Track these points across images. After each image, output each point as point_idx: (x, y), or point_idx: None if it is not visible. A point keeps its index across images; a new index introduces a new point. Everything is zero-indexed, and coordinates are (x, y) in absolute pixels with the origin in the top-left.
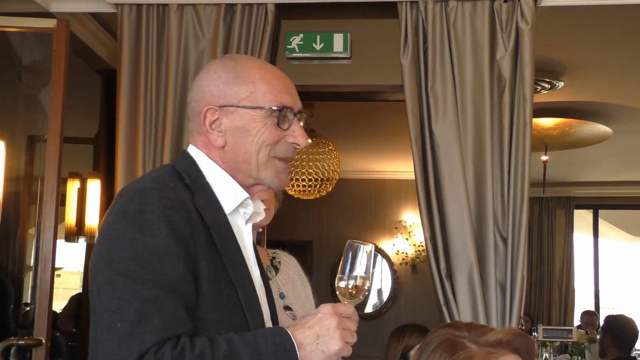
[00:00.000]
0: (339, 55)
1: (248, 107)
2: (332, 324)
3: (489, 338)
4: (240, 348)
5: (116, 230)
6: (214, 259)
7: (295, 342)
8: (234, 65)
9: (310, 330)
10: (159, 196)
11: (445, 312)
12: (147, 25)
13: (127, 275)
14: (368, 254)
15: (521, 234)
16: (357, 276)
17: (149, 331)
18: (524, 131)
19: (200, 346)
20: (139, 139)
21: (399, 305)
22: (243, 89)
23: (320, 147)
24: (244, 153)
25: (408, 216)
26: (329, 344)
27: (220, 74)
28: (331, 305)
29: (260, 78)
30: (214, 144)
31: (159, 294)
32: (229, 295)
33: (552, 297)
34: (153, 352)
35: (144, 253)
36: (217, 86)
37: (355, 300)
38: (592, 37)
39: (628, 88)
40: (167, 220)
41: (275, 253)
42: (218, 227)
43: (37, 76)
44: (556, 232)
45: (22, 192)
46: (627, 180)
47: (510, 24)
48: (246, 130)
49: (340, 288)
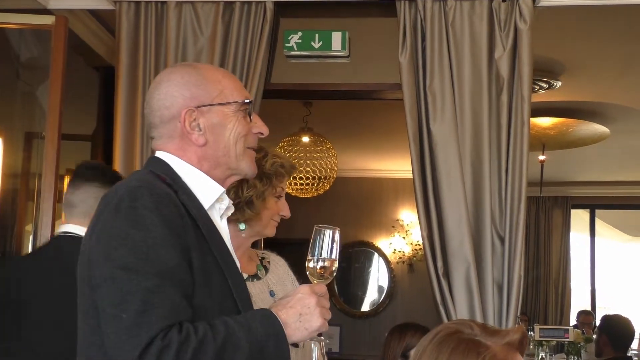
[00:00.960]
0: (337, 53)
1: (221, 104)
2: (312, 303)
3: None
4: (237, 329)
5: (112, 227)
6: (204, 250)
7: (281, 321)
8: (195, 69)
9: (293, 309)
10: (149, 192)
11: (442, 311)
12: (145, 23)
13: (127, 269)
14: (333, 238)
15: (518, 234)
16: (325, 258)
17: (154, 319)
18: (521, 130)
19: (202, 330)
20: (136, 136)
21: (395, 304)
22: (213, 89)
23: (317, 146)
24: (224, 147)
25: (405, 215)
26: (310, 321)
27: (187, 79)
28: (308, 286)
29: (223, 77)
30: (195, 143)
31: (160, 284)
32: (219, 283)
33: (548, 297)
34: (160, 337)
35: (142, 246)
36: (189, 89)
37: (324, 280)
38: (590, 37)
39: (626, 88)
40: (160, 214)
41: (264, 253)
42: (203, 219)
43: (35, 73)
44: (553, 232)
45: (19, 188)
46: (624, 180)
47: (508, 23)
48: (222, 125)
49: (309, 268)
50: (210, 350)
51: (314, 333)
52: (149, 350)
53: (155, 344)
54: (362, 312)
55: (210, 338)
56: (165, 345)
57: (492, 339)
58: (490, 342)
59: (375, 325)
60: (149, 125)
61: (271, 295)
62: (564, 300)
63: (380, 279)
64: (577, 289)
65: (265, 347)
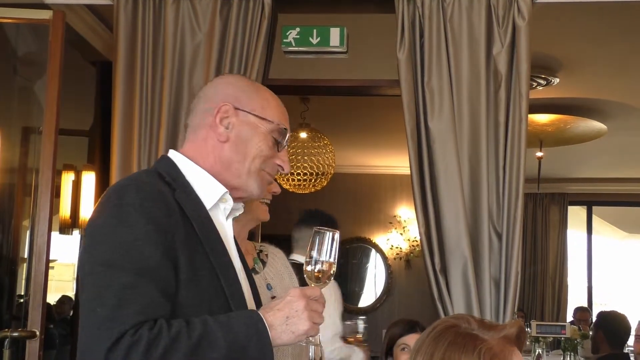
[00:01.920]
0: (335, 49)
1: (259, 117)
2: (300, 306)
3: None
4: (215, 328)
5: (97, 225)
6: (196, 249)
7: (267, 323)
8: (252, 82)
9: (280, 312)
10: (136, 190)
11: (440, 307)
12: (143, 18)
13: (106, 264)
14: (333, 241)
15: (516, 230)
16: (323, 261)
17: (127, 314)
18: (519, 127)
19: (176, 327)
20: (134, 131)
21: (392, 300)
22: (257, 100)
23: (315, 142)
24: (242, 155)
25: (402, 211)
26: (297, 324)
27: (240, 83)
28: (299, 289)
29: (272, 98)
30: (218, 137)
31: (137, 280)
32: (211, 282)
33: (545, 293)
34: (131, 333)
35: (123, 243)
36: (236, 91)
37: (321, 284)
38: (588, 34)
39: (623, 85)
40: (145, 211)
41: (262, 246)
42: (199, 218)
43: (32, 68)
44: (550, 228)
45: (16, 183)
46: (621, 177)
47: (506, 19)
48: (250, 136)
49: (307, 272)
50: (183, 347)
51: (301, 337)
52: (118, 344)
53: (125, 339)
54: (359, 308)
55: (184, 335)
56: (135, 340)
57: (489, 333)
58: (487, 336)
59: (372, 321)
60: (189, 111)
61: (268, 288)
62: (561, 296)
63: (377, 275)
64: (573, 285)
65: (247, 347)
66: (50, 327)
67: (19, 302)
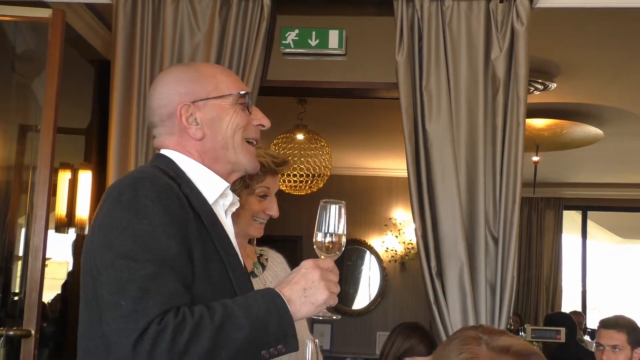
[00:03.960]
0: (334, 51)
1: (217, 97)
2: (315, 277)
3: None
4: (235, 309)
5: (114, 217)
6: (206, 242)
7: (285, 298)
8: (189, 67)
9: (297, 285)
10: (152, 183)
11: (435, 310)
12: (142, 17)
13: (126, 257)
14: (340, 212)
15: (512, 235)
16: (332, 233)
17: (151, 305)
18: (517, 131)
19: (199, 312)
20: (131, 130)
21: (387, 302)
22: (208, 83)
23: (312, 143)
24: (221, 139)
25: (398, 214)
26: (316, 294)
27: (182, 76)
28: (312, 260)
29: (218, 72)
30: (193, 137)
31: (158, 271)
32: (221, 275)
33: (539, 297)
34: (157, 322)
35: (142, 235)
36: (184, 86)
37: (332, 255)
38: (585, 39)
39: (620, 90)
40: (162, 204)
41: (263, 250)
42: (206, 212)
43: (30, 65)
44: (545, 233)
45: (13, 181)
46: (616, 182)
47: (505, 24)
48: (220, 118)
49: (317, 242)
50: (208, 330)
51: (321, 307)
52: (145, 334)
53: (152, 328)
54: (353, 310)
55: (207, 319)
56: (161, 328)
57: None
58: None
59: (367, 323)
60: (149, 126)
61: None
62: (555, 300)
63: (372, 278)
64: (568, 289)
65: (268, 324)
66: (44, 326)
67: (13, 300)
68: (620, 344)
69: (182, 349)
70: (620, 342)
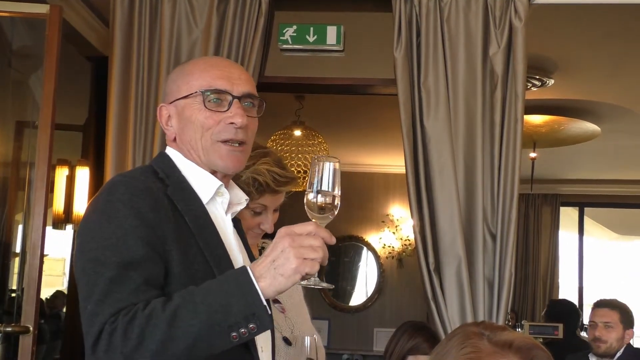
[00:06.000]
0: (332, 47)
1: (185, 97)
2: (284, 245)
3: (500, 337)
4: (195, 294)
5: (88, 222)
6: (188, 243)
7: (254, 274)
8: (182, 65)
9: (267, 258)
10: (126, 186)
11: (433, 306)
12: (139, 13)
13: (95, 261)
14: (334, 170)
15: (510, 231)
16: (325, 191)
17: (107, 306)
18: (515, 128)
19: (151, 305)
20: (129, 127)
21: (384, 298)
22: (181, 81)
23: (309, 140)
24: (189, 140)
25: (395, 210)
26: (284, 265)
27: (171, 76)
28: (285, 228)
29: (199, 69)
30: (169, 139)
31: (121, 273)
32: (205, 276)
33: (536, 293)
34: (110, 322)
35: (111, 238)
36: (168, 86)
37: (324, 217)
38: (583, 36)
39: (618, 87)
40: (133, 207)
41: (265, 243)
42: (193, 213)
43: (27, 61)
44: (542, 229)
45: (10, 177)
46: (613, 178)
47: (503, 20)
48: (187, 118)
49: (308, 202)
50: (159, 322)
51: (293, 277)
52: (100, 336)
53: (105, 330)
54: (350, 307)
55: (158, 310)
56: (113, 328)
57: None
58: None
59: (364, 319)
60: None
61: None
62: (552, 297)
63: (369, 274)
64: (565, 286)
65: (230, 304)
66: (41, 322)
67: (10, 297)
68: (613, 321)
69: (134, 345)
70: (612, 320)
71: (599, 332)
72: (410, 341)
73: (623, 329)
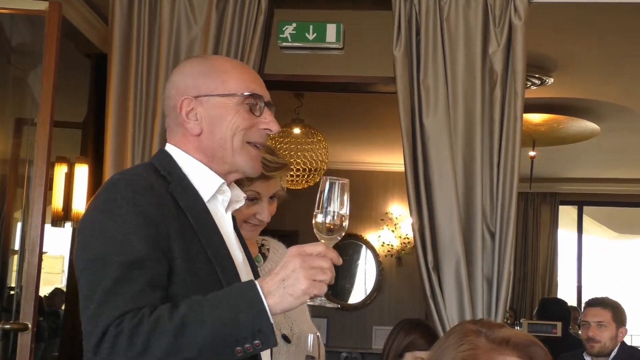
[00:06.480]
0: (331, 45)
1: (221, 95)
2: (295, 265)
3: (497, 334)
4: (202, 305)
5: (90, 221)
6: (191, 241)
7: (263, 291)
8: (206, 60)
9: (277, 276)
10: (127, 184)
11: (432, 304)
12: (139, 11)
13: (97, 260)
14: (343, 190)
15: (509, 229)
16: (334, 212)
17: (112, 307)
18: (514, 126)
19: (158, 311)
20: (128, 124)
21: (383, 296)
22: (216, 79)
23: (309, 138)
24: (219, 139)
25: (394, 208)
26: (294, 285)
27: (195, 70)
28: (296, 247)
29: (232, 68)
30: (191, 132)
31: (125, 274)
32: (208, 274)
33: (535, 292)
34: (115, 325)
35: (115, 237)
36: (191, 79)
37: (332, 238)
38: (583, 34)
39: (617, 86)
40: (136, 205)
41: (265, 240)
42: (195, 210)
43: (26, 58)
44: (541, 227)
45: (9, 175)
46: (612, 177)
47: (503, 19)
48: (220, 117)
49: (317, 224)
50: (166, 330)
51: (302, 298)
52: (104, 338)
53: (110, 332)
54: (349, 305)
55: (165, 318)
56: (118, 332)
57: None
58: (483, 338)
59: (363, 317)
60: (163, 115)
61: None
62: (551, 295)
63: (368, 272)
64: (564, 284)
65: (237, 318)
66: (40, 320)
67: (10, 295)
68: (605, 320)
69: (139, 351)
70: (605, 319)
71: (592, 331)
72: (406, 338)
73: (616, 328)
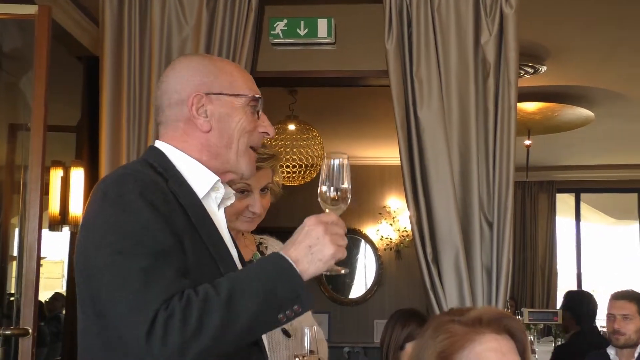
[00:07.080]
0: (323, 40)
1: (231, 95)
2: (319, 232)
3: (469, 317)
4: (241, 279)
5: (101, 216)
6: (194, 237)
7: (291, 259)
8: (211, 59)
9: (302, 244)
10: (134, 179)
11: (432, 297)
12: (129, 12)
13: (121, 253)
14: (344, 164)
15: (507, 218)
16: (338, 184)
17: (154, 294)
18: (508, 115)
19: (203, 290)
20: (122, 126)
21: (383, 290)
22: (224, 79)
23: (304, 134)
24: (227, 138)
25: (392, 201)
26: (322, 250)
27: (202, 67)
28: (314, 217)
29: (235, 70)
30: (200, 129)
31: (155, 263)
32: (211, 270)
33: (535, 280)
34: (163, 308)
35: (133, 229)
36: (201, 76)
37: (337, 208)
38: (575, 22)
39: (610, 72)
40: (146, 200)
41: (263, 239)
42: (194, 207)
43: (17, 63)
44: (539, 216)
45: (4, 181)
46: (608, 164)
47: (494, 8)
48: (229, 116)
49: (322, 194)
50: (217, 305)
51: (329, 262)
52: (155, 323)
53: (160, 316)
54: (350, 299)
55: (212, 294)
56: (169, 314)
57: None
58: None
59: (364, 312)
60: (156, 108)
61: None
62: (551, 283)
63: (367, 266)
64: (563, 272)
65: (276, 288)
66: (41, 325)
67: (10, 301)
68: (631, 313)
69: (194, 329)
70: (630, 312)
71: (617, 324)
72: (404, 330)
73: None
